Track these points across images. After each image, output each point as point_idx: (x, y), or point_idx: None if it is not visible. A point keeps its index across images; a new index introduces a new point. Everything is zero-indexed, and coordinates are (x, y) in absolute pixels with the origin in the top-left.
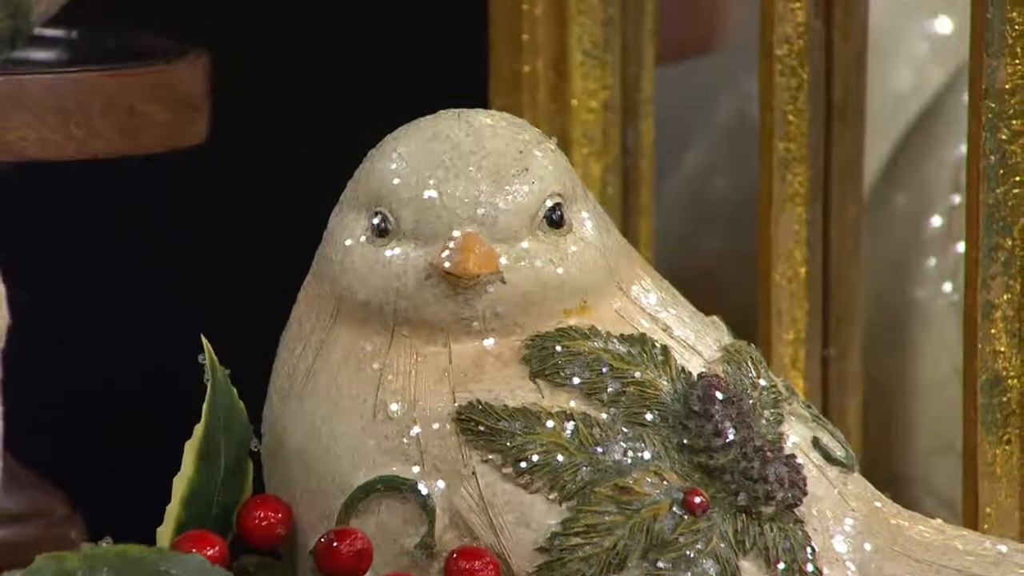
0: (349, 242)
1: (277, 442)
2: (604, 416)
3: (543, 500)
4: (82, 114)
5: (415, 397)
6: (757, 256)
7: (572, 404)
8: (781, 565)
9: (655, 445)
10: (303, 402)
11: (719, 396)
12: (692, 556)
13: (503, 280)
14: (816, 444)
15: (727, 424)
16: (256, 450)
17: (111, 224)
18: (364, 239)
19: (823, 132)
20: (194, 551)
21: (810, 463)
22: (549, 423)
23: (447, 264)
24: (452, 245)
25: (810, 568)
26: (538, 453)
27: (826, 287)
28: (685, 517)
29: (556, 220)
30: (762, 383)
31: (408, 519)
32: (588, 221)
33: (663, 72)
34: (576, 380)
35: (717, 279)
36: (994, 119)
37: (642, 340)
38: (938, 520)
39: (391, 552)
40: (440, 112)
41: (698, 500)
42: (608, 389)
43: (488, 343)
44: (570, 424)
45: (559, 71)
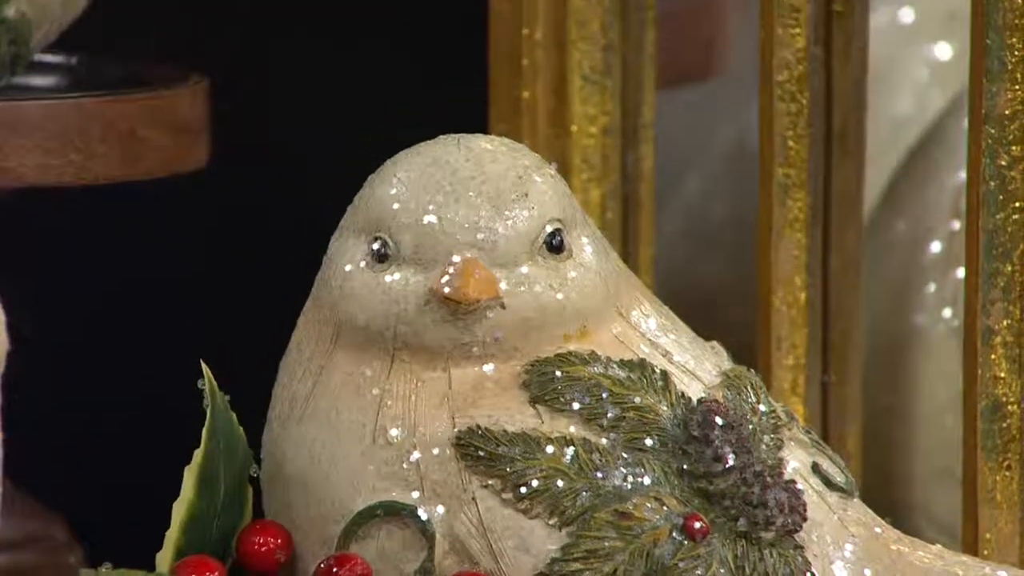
0: (349, 267)
1: (277, 467)
2: (604, 441)
3: (543, 525)
4: (82, 139)
5: (415, 422)
6: (757, 281)
7: (572, 429)
8: None
9: (655, 470)
10: (303, 427)
11: (719, 421)
12: None
13: (503, 305)
14: (816, 470)
15: (727, 449)
16: (256, 475)
17: (110, 250)
18: (364, 264)
19: (823, 158)
20: None
21: (810, 489)
22: (549, 448)
23: (447, 289)
24: (452, 270)
25: None
26: (538, 478)
27: (826, 313)
28: (685, 542)
29: (556, 245)
30: (762, 408)
31: (408, 544)
32: (588, 246)
33: (663, 97)
34: (576, 405)
35: (717, 304)
36: (994, 145)
37: (642, 365)
38: (938, 546)
39: None
40: (440, 137)
41: (698, 525)
42: (608, 414)
43: (488, 368)
44: (570, 449)
45: (559, 96)
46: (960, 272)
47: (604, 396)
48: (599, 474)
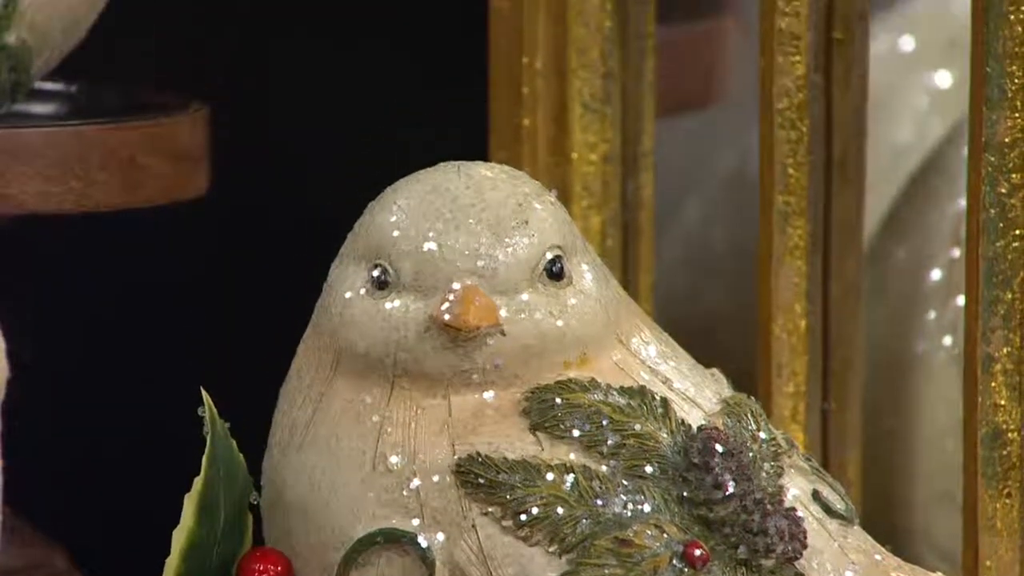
0: (349, 294)
1: (277, 495)
2: (604, 468)
3: (543, 553)
4: (82, 167)
5: (415, 449)
6: (757, 309)
7: (572, 456)
8: None
9: (655, 498)
10: (303, 454)
11: (719, 449)
12: None
13: (503, 332)
14: (816, 497)
15: (727, 477)
16: (256, 503)
17: (110, 276)
18: (364, 291)
19: (823, 185)
20: None
21: (810, 516)
22: (549, 475)
23: (447, 316)
24: (452, 297)
25: None
26: (538, 506)
27: (826, 340)
28: (685, 570)
29: (556, 272)
30: (762, 436)
31: (408, 572)
32: (588, 273)
33: (663, 125)
34: (576, 432)
35: (717, 332)
36: (994, 172)
37: (642, 392)
38: (939, 573)
39: None
40: (440, 165)
41: (698, 553)
42: (608, 441)
43: (488, 395)
44: (570, 476)
45: (559, 124)
46: (960, 300)
47: (604, 423)
48: (599, 501)
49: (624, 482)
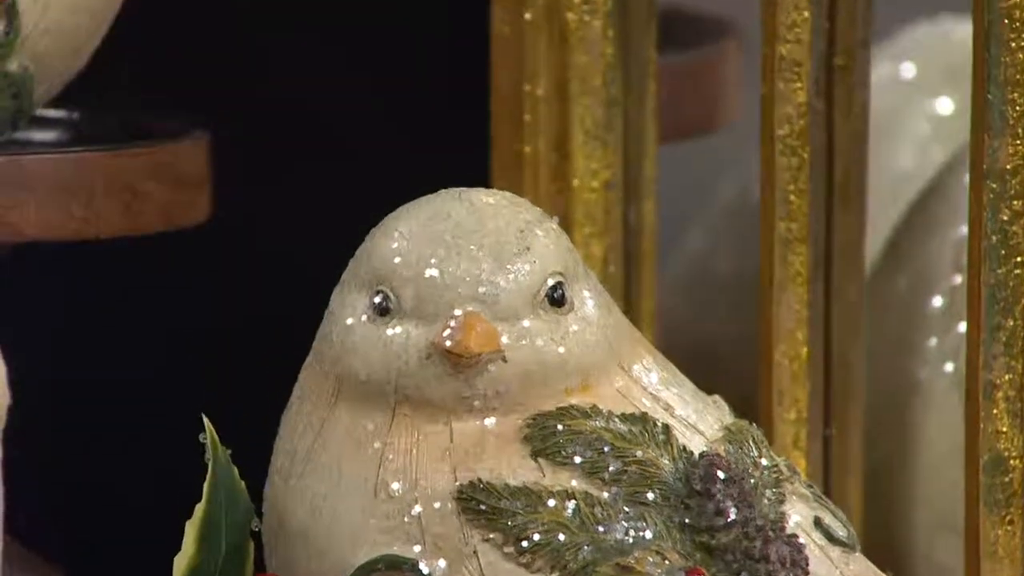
0: (350, 321)
1: (278, 521)
2: (606, 495)
3: None
4: (84, 194)
5: (416, 476)
6: (758, 336)
7: (574, 483)
8: None
9: (657, 524)
10: (304, 481)
11: (721, 475)
12: None
13: (504, 359)
14: (818, 524)
15: (729, 503)
16: (257, 529)
17: (111, 304)
18: (365, 318)
19: (824, 212)
20: None
21: (812, 543)
22: (551, 502)
23: (448, 343)
24: (453, 324)
25: None
26: (540, 532)
27: (827, 367)
28: None
29: (557, 299)
30: (764, 463)
31: None
32: (590, 300)
33: (665, 152)
34: (577, 459)
35: (718, 358)
36: (995, 200)
37: (644, 419)
38: None
39: None
40: (441, 191)
41: None
42: (610, 468)
43: (489, 422)
44: (572, 503)
45: (561, 151)
46: (962, 326)
47: (606, 450)
48: (601, 528)
49: (626, 509)
